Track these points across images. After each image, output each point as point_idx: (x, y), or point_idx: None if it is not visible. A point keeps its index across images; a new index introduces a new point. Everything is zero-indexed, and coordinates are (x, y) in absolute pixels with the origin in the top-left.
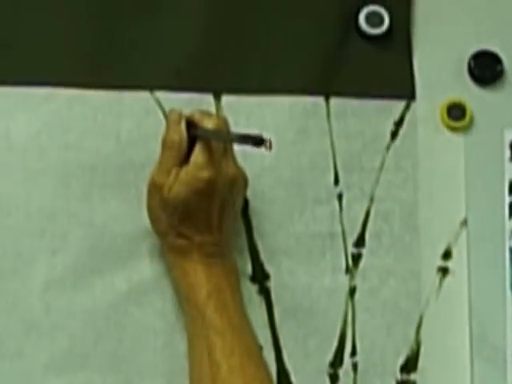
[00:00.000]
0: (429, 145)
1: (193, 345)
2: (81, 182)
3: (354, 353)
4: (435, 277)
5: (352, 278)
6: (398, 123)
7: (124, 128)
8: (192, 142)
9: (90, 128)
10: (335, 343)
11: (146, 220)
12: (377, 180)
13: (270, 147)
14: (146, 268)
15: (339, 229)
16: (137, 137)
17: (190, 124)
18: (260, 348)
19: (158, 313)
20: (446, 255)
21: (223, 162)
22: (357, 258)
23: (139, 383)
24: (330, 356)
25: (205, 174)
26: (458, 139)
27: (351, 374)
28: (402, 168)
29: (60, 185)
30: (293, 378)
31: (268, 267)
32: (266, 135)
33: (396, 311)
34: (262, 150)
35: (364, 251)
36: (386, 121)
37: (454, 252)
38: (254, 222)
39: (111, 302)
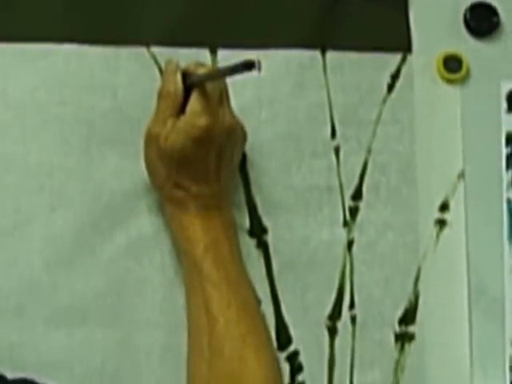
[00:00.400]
0: (425, 97)
1: (190, 298)
2: (78, 138)
3: (352, 305)
4: (433, 229)
5: (350, 230)
6: (395, 76)
7: (121, 83)
8: (188, 93)
9: (87, 84)
10: (333, 296)
11: (144, 175)
12: (374, 133)
13: (260, 68)
14: (145, 223)
15: (336, 182)
16: (133, 92)
17: (186, 75)
18: (258, 301)
19: (157, 267)
20: (444, 207)
21: (220, 111)
22: (354, 211)
23: (139, 337)
24: (328, 309)
25: (202, 121)
26: (454, 91)
27: (350, 326)
28: (398, 120)
29: (58, 141)
30: (291, 331)
31: (266, 221)
32: (253, 58)
33: (394, 264)
34: (254, 73)
35: (361, 204)
36: (382, 73)
37: (452, 204)
38: (252, 176)
39: (111, 257)
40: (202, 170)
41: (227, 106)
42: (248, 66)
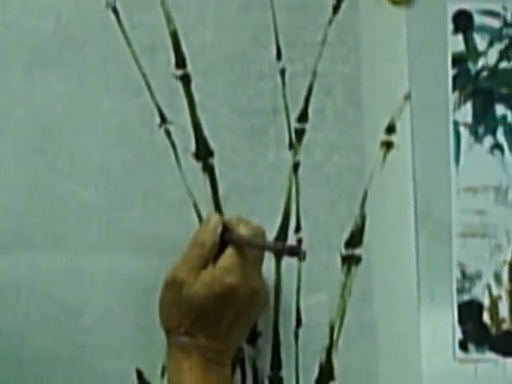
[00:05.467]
0: (371, 18)
1: None
2: (21, 61)
3: (298, 229)
4: (379, 151)
5: (295, 153)
6: None
7: (64, 6)
8: (222, 246)
9: (30, 6)
10: (279, 219)
11: (87, 99)
12: (319, 54)
13: (304, 258)
14: (89, 147)
15: (282, 104)
16: (77, 15)
17: (225, 228)
18: None
19: (102, 192)
20: (390, 129)
21: (250, 273)
22: (300, 134)
23: (84, 261)
24: (274, 232)
25: (229, 278)
26: (400, 12)
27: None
28: (344, 42)
29: (0, 65)
30: None
31: (212, 143)
32: (300, 247)
33: (340, 186)
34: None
35: (307, 126)
36: None
37: (398, 126)
38: (197, 99)
39: (55, 181)
40: (216, 326)
41: (259, 269)
42: (293, 252)
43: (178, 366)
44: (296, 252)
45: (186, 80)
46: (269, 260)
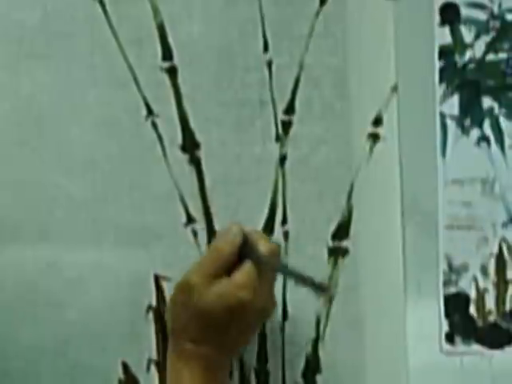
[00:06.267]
0: (358, 10)
1: None
2: (7, 53)
3: (284, 221)
4: (366, 143)
5: (282, 145)
6: None
7: None
8: (240, 258)
9: None
10: (266, 212)
11: (73, 91)
12: (306, 46)
13: (329, 291)
14: (75, 139)
15: (269, 96)
16: (63, 7)
17: (245, 241)
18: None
19: (89, 184)
20: (377, 121)
21: (264, 291)
22: (287, 126)
23: (70, 254)
24: (260, 225)
25: (242, 294)
26: (387, 4)
27: (282, 242)
28: (331, 34)
29: None
30: None
31: (198, 136)
32: (323, 282)
33: (327, 178)
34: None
35: (294, 118)
36: None
37: (385, 118)
38: (183, 90)
39: (41, 174)
40: (221, 338)
41: (272, 287)
42: (320, 288)
43: (178, 373)
44: (323, 289)
45: (172, 72)
46: None
